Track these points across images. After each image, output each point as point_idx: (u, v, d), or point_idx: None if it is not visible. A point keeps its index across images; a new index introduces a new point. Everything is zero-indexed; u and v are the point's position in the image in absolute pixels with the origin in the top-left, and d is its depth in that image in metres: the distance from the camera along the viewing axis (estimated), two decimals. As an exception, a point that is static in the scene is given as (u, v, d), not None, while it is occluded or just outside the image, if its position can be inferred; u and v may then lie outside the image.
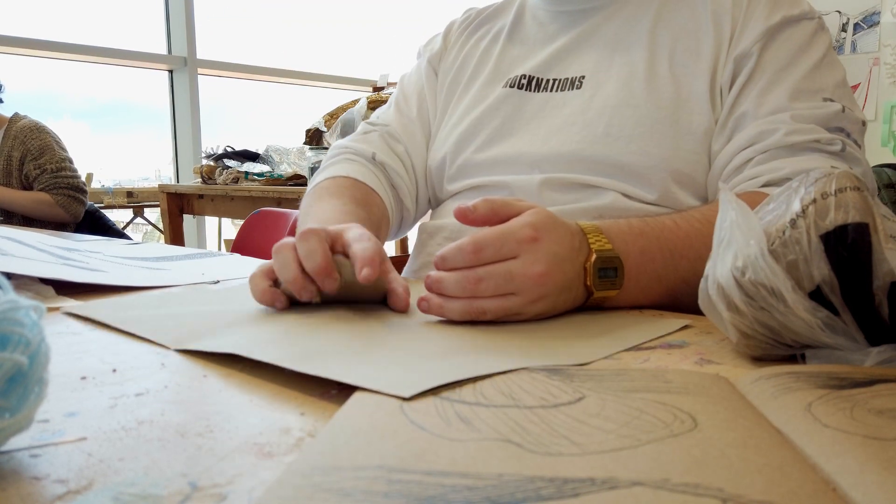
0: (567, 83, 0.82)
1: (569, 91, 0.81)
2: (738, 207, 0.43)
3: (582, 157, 0.77)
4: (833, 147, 0.68)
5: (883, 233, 0.39)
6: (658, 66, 0.77)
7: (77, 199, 2.43)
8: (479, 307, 0.51)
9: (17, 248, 0.82)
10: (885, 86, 3.27)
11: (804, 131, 0.69)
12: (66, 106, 4.12)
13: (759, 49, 0.73)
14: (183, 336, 0.47)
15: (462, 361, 0.41)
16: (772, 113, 0.71)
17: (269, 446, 0.30)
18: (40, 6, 3.69)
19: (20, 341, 0.27)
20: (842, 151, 0.68)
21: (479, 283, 0.50)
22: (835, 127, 0.70)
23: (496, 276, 0.50)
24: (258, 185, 2.47)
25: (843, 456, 0.27)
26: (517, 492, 0.24)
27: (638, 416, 0.32)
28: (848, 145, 0.69)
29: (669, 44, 0.77)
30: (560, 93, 0.82)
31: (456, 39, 0.96)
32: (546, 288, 0.51)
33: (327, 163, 0.92)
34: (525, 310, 0.51)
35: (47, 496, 0.25)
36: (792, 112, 0.70)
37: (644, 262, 0.58)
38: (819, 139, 0.68)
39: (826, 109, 0.70)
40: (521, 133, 0.83)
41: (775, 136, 0.69)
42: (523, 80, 0.85)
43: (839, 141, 0.68)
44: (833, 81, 0.73)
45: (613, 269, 0.55)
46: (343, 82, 4.62)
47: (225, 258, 0.92)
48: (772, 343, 0.42)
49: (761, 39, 0.74)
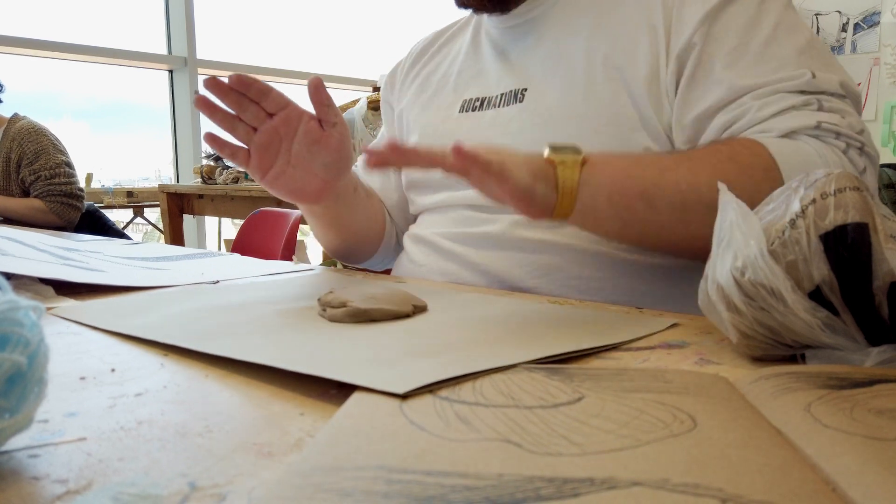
0: (511, 96, 0.80)
1: (513, 105, 0.80)
2: (737, 208, 0.43)
3: None
4: (810, 107, 0.63)
5: (883, 233, 0.39)
6: (595, 71, 0.73)
7: (71, 206, 2.43)
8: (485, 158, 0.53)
9: (17, 248, 0.82)
10: (886, 86, 3.27)
11: (774, 101, 0.64)
12: (66, 106, 4.12)
13: (701, 38, 0.67)
14: (180, 334, 0.47)
15: (456, 357, 0.41)
16: (733, 101, 0.66)
17: (269, 446, 0.30)
18: (40, 6, 3.69)
19: (19, 341, 0.27)
20: (820, 108, 0.63)
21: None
22: (810, 91, 0.64)
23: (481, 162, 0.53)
24: (258, 184, 2.47)
25: (843, 456, 0.27)
26: (517, 492, 0.24)
27: (638, 417, 0.32)
28: (825, 101, 0.63)
29: (605, 48, 0.74)
30: (506, 108, 0.80)
31: (409, 69, 0.97)
32: (517, 156, 0.55)
33: None
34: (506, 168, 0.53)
35: (47, 496, 0.25)
36: (753, 93, 0.65)
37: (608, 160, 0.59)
38: (793, 104, 0.63)
39: (793, 82, 0.64)
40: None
41: (748, 117, 0.64)
42: (476, 102, 0.84)
43: (814, 100, 0.63)
44: (794, 48, 0.66)
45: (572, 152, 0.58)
46: (343, 82, 4.62)
47: (225, 258, 0.92)
48: (772, 343, 0.42)
49: (702, 26, 0.68)
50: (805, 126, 0.62)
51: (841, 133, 0.62)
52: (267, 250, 1.95)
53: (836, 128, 0.62)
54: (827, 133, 0.62)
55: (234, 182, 2.55)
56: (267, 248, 1.98)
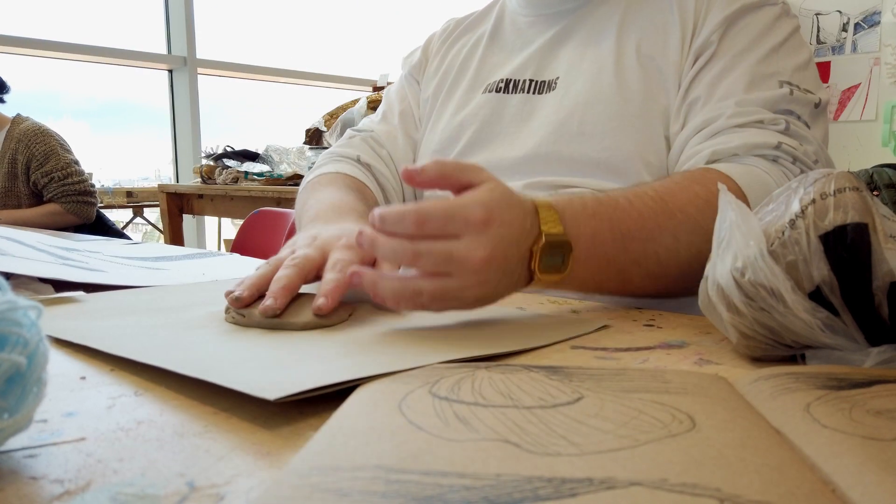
0: (543, 86, 0.82)
1: (546, 94, 0.82)
2: (737, 208, 0.43)
3: (560, 158, 0.77)
4: (777, 126, 0.68)
5: (882, 233, 0.39)
6: (626, 59, 0.77)
7: (88, 203, 2.45)
8: (414, 287, 0.48)
9: (16, 247, 0.82)
10: (886, 85, 3.27)
11: (747, 113, 0.69)
12: (65, 106, 4.12)
13: (717, 38, 0.74)
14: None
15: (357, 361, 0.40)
16: (722, 99, 0.71)
17: (267, 446, 0.30)
18: (40, 6, 3.69)
19: (18, 341, 0.27)
20: (786, 130, 0.68)
21: (416, 259, 0.47)
22: (782, 109, 0.70)
23: (436, 253, 0.47)
24: (258, 184, 2.47)
25: (842, 456, 0.27)
26: (515, 492, 0.24)
27: (636, 417, 0.32)
28: (793, 124, 0.69)
29: (637, 38, 0.78)
30: (537, 95, 0.82)
31: (437, 51, 0.97)
32: (486, 274, 0.48)
33: (316, 167, 0.93)
34: (463, 294, 0.48)
35: (45, 496, 0.25)
36: (738, 98, 0.70)
37: (594, 246, 0.56)
38: (762, 119, 0.69)
39: (773, 94, 0.70)
40: (501, 138, 0.83)
41: (720, 121, 0.70)
42: (501, 83, 0.85)
43: (783, 121, 0.69)
44: (792, 65, 0.73)
45: (562, 255, 0.52)
46: (343, 82, 4.62)
47: (224, 258, 0.92)
48: (771, 344, 0.42)
49: (720, 28, 0.74)
50: (766, 144, 0.67)
51: (798, 159, 0.67)
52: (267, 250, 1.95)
53: (794, 152, 0.67)
54: (784, 155, 0.67)
55: (234, 182, 2.55)
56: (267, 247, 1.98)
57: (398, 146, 0.94)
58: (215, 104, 4.12)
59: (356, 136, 0.95)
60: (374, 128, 0.95)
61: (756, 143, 0.67)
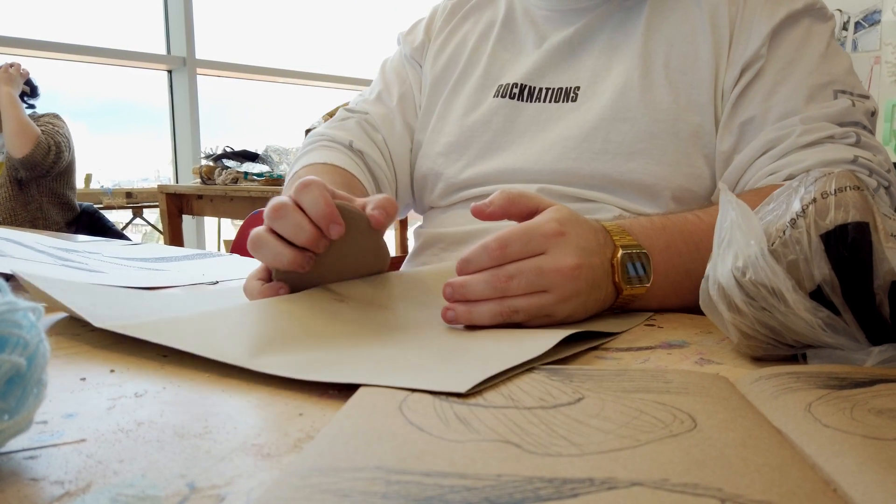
0: (562, 94, 0.78)
1: (564, 103, 0.78)
2: (738, 208, 0.43)
3: (581, 174, 0.74)
4: (848, 140, 0.67)
5: (883, 231, 0.39)
6: (654, 75, 0.74)
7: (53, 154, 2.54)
8: (510, 306, 0.48)
9: (16, 249, 0.82)
10: (887, 84, 3.27)
11: (817, 129, 0.67)
12: (64, 106, 4.11)
13: (766, 50, 0.71)
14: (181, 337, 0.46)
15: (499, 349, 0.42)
16: (782, 117, 0.69)
17: (268, 447, 0.30)
18: (40, 6, 3.69)
19: (18, 343, 0.27)
20: (857, 143, 0.67)
21: (509, 281, 0.48)
22: (848, 122, 0.68)
23: (527, 271, 0.48)
24: (257, 185, 2.48)
25: (843, 456, 0.27)
26: (516, 492, 0.24)
27: (637, 417, 0.32)
28: (862, 136, 0.68)
29: (664, 49, 0.74)
30: (555, 104, 0.78)
31: (440, 30, 0.91)
32: (578, 283, 0.49)
33: (303, 151, 0.88)
34: (557, 309, 0.49)
35: (45, 498, 0.25)
36: (802, 115, 0.68)
37: (670, 257, 0.55)
38: (833, 135, 0.67)
39: (836, 107, 0.68)
40: (514, 147, 0.79)
41: (790, 140, 0.67)
42: (514, 88, 0.81)
43: (853, 133, 0.67)
44: (842, 69, 0.71)
45: (641, 264, 0.53)
46: (343, 82, 4.62)
47: (224, 259, 0.92)
48: (773, 343, 0.42)
49: (768, 41, 0.71)
50: (842, 159, 0.65)
51: (874, 171, 0.66)
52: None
53: (871, 164, 0.65)
54: (861, 169, 0.65)
55: (234, 182, 2.55)
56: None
57: (394, 132, 0.89)
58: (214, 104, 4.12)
59: (350, 118, 0.90)
60: (370, 109, 0.90)
61: (833, 159, 0.65)
